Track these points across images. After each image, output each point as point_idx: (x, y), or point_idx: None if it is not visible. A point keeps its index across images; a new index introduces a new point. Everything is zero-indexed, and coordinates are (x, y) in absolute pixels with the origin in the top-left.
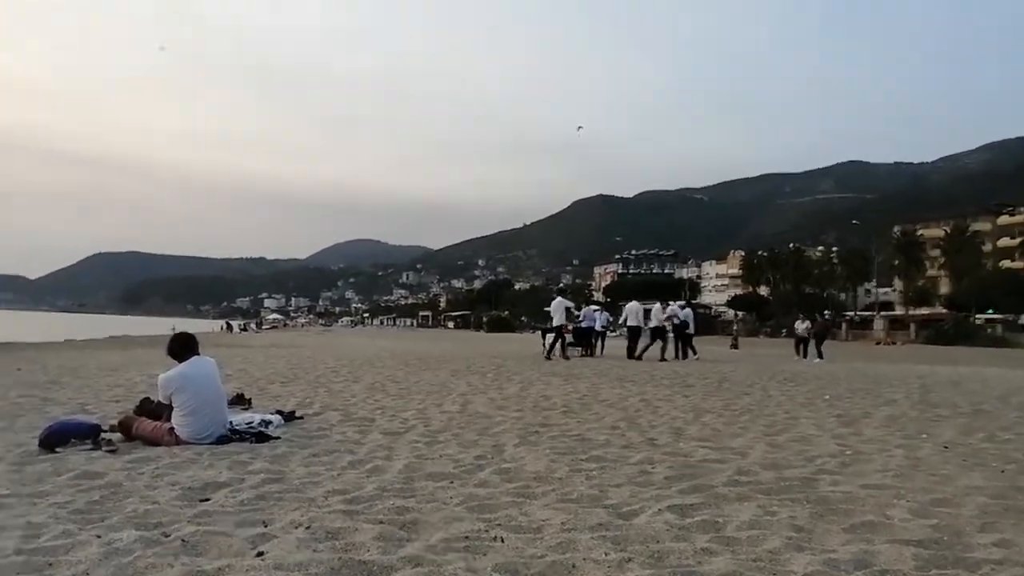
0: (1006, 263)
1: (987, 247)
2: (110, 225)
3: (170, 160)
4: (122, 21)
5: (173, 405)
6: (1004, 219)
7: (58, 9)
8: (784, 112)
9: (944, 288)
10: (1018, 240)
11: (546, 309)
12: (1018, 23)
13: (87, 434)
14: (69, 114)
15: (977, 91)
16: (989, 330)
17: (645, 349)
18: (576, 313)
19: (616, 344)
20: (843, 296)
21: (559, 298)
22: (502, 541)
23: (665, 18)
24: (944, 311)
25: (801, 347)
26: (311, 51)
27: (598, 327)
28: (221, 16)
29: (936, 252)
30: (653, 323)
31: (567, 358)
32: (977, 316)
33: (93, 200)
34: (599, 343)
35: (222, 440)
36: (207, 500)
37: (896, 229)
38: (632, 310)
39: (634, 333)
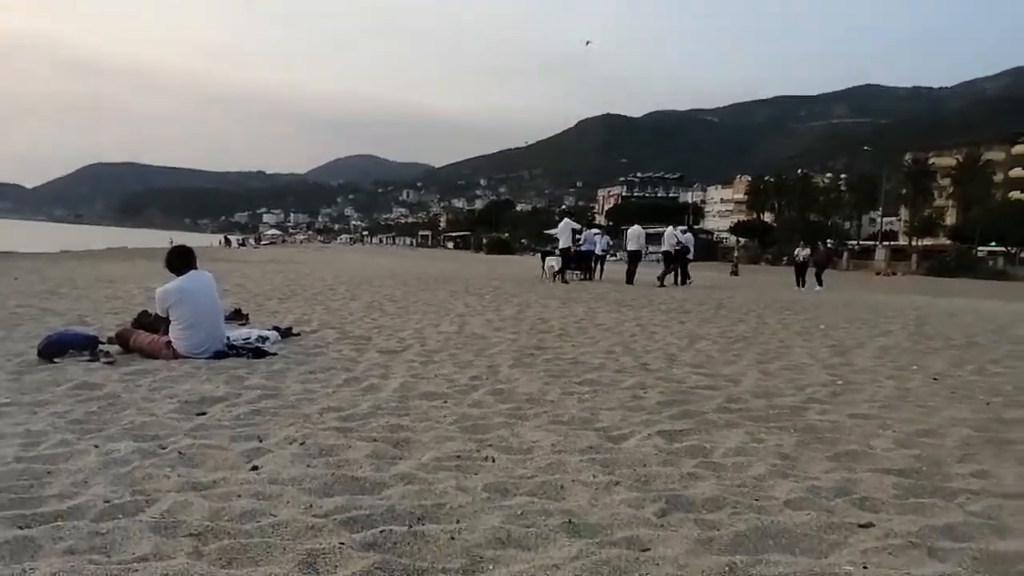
0: (1016, 194)
1: (999, 177)
2: (107, 135)
3: (169, 70)
4: None
5: (171, 319)
6: (1019, 148)
7: None
8: (801, 33)
9: (950, 219)
10: None
11: (547, 232)
12: None
13: (85, 345)
14: (69, 21)
15: (999, 15)
16: (991, 262)
17: (663, 276)
18: (578, 236)
19: (616, 268)
20: (848, 225)
21: (566, 219)
22: (493, 461)
23: None
24: (947, 242)
25: (801, 276)
26: None
27: (598, 251)
28: None
29: (947, 181)
30: (664, 247)
31: (566, 282)
32: (980, 248)
33: (91, 109)
34: (599, 267)
35: (219, 355)
36: (204, 414)
37: (908, 156)
38: (634, 234)
39: (634, 257)
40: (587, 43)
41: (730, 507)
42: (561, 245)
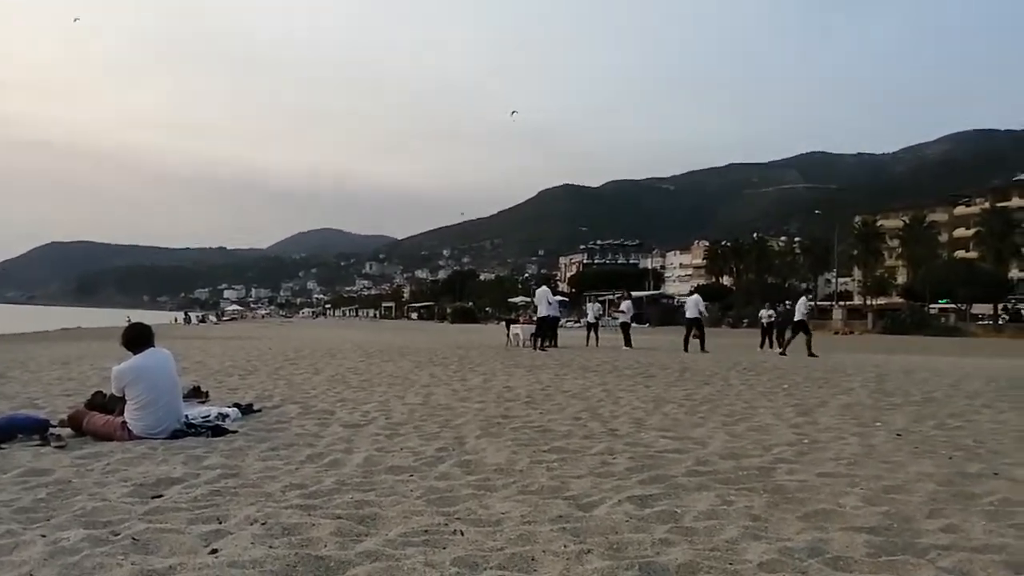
0: (961, 253)
1: (943, 237)
2: (62, 214)
3: (125, 146)
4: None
5: (126, 398)
6: (960, 209)
7: None
8: (752, 102)
9: (901, 278)
10: (973, 230)
11: (511, 300)
12: (976, 20)
13: (34, 429)
14: (18, 99)
15: (936, 83)
16: (943, 319)
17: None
18: (550, 302)
19: (575, 335)
20: (804, 286)
21: (543, 287)
22: (462, 534)
23: (631, 6)
24: (900, 300)
25: (766, 337)
26: (274, 36)
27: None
28: None
29: (895, 242)
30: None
31: (544, 349)
32: (931, 306)
33: (43, 188)
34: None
35: (177, 434)
36: (160, 496)
37: (857, 219)
38: (627, 306)
39: (625, 326)
40: (512, 113)
41: (704, 572)
42: (539, 313)
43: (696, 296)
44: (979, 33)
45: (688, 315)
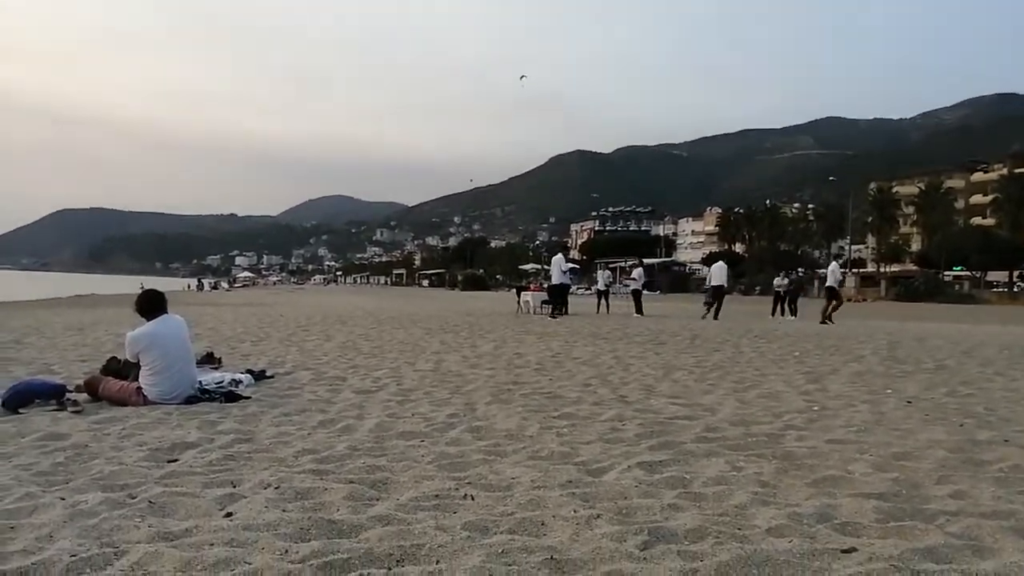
0: (977, 220)
1: (960, 204)
2: (75, 182)
3: (139, 116)
4: None
5: (141, 364)
6: (978, 176)
7: None
8: (764, 67)
9: (916, 245)
10: (990, 197)
11: (521, 267)
12: None
13: (52, 394)
14: (34, 70)
15: (955, 48)
16: (957, 287)
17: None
18: (564, 270)
19: (586, 302)
20: (818, 253)
21: (559, 255)
22: (472, 499)
23: None
24: (914, 268)
25: (778, 305)
26: (285, 5)
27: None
28: None
29: (910, 209)
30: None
31: (554, 317)
32: (946, 273)
33: (57, 156)
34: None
35: (191, 400)
36: (175, 461)
37: (872, 186)
38: (637, 273)
39: (636, 293)
40: (521, 77)
41: (712, 537)
42: (553, 280)
43: (721, 263)
44: None
45: (714, 283)
